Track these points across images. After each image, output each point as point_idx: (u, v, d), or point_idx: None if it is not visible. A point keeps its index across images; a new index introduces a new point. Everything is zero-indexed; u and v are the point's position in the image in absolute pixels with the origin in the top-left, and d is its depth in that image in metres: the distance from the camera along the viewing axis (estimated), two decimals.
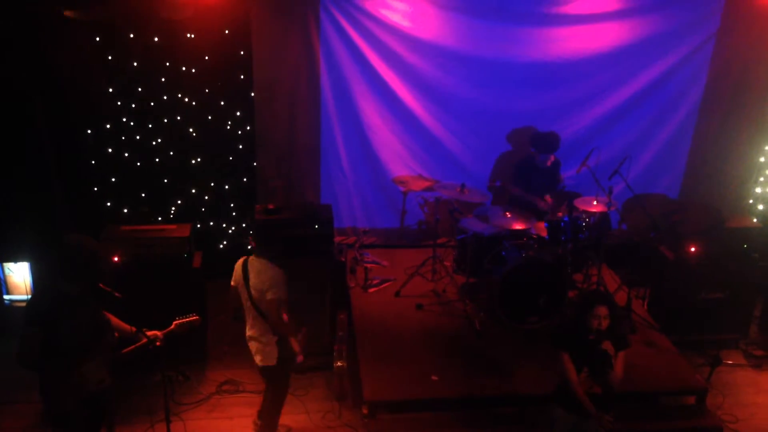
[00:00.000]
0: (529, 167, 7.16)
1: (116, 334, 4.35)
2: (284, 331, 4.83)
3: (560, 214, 6.68)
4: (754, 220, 7.36)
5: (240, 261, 5.00)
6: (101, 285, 4.29)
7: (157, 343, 4.44)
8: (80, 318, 4.09)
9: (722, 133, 7.75)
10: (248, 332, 4.98)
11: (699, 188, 7.93)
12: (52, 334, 3.99)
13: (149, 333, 4.44)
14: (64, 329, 4.02)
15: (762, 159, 7.91)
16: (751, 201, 8.03)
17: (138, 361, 4.46)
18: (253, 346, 4.97)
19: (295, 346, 4.88)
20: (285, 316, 4.86)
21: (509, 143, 7.70)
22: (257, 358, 4.96)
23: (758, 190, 7.99)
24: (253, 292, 4.80)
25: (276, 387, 5.14)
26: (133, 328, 4.41)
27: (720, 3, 7.27)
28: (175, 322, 4.64)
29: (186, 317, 4.68)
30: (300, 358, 4.94)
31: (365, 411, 5.47)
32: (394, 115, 7.42)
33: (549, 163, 7.10)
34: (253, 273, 4.82)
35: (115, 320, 4.40)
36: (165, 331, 4.56)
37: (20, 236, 6.48)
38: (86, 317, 4.14)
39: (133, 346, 4.38)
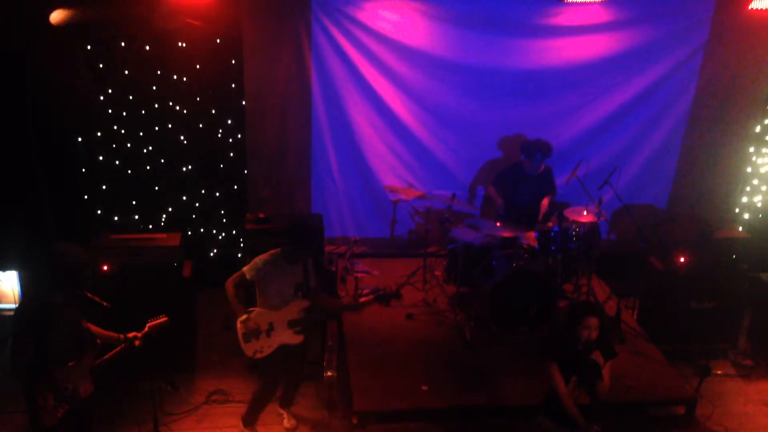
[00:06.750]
0: (516, 175, 7.14)
1: (98, 341, 4.33)
2: (233, 303, 5.02)
3: (550, 224, 6.70)
4: (740, 228, 7.41)
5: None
6: (88, 294, 4.28)
7: (136, 343, 4.42)
8: (65, 326, 4.08)
9: (710, 143, 7.79)
10: None
11: (687, 198, 7.96)
12: (40, 343, 3.97)
13: (129, 335, 4.44)
14: (51, 338, 4.00)
15: (749, 169, 7.98)
16: (737, 210, 8.08)
17: (125, 368, 4.45)
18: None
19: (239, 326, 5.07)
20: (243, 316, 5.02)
21: (500, 150, 7.72)
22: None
23: (744, 199, 8.05)
24: None
25: (263, 380, 5.36)
26: (115, 335, 4.41)
27: (708, 15, 7.32)
28: (148, 324, 4.58)
29: (156, 319, 4.63)
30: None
31: (355, 421, 5.46)
32: (385, 125, 7.44)
33: (540, 170, 7.11)
34: None
35: (95, 329, 4.38)
36: (142, 332, 4.52)
37: (9, 245, 6.45)
38: (71, 326, 4.13)
39: (112, 352, 4.36)
